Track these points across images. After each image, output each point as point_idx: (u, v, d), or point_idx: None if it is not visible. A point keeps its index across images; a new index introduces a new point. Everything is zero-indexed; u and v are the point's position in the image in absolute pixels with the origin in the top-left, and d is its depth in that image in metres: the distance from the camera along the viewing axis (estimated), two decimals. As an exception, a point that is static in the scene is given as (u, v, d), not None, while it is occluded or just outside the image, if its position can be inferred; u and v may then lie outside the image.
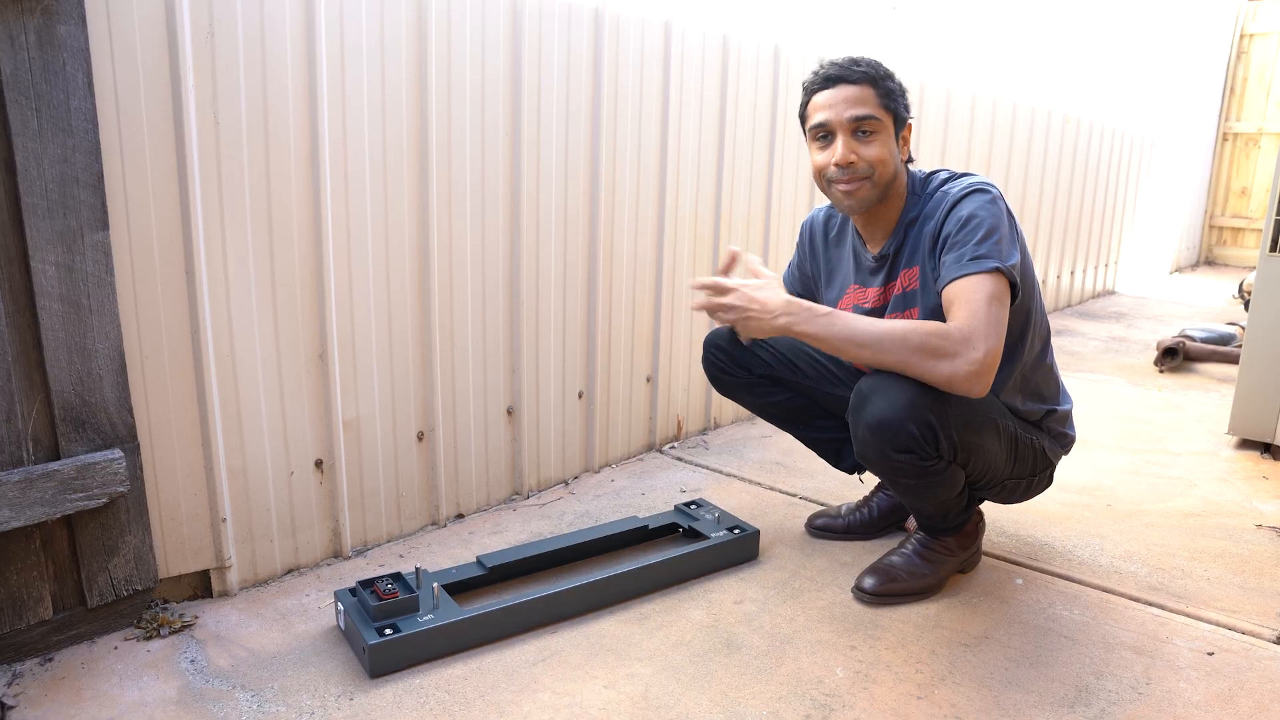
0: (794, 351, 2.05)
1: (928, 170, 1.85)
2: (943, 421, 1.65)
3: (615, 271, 2.57)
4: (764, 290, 1.73)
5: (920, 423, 1.63)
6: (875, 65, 1.76)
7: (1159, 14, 6.52)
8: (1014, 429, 1.81)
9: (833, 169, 1.76)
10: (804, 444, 2.18)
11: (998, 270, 1.61)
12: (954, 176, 1.78)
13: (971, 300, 1.59)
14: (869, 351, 1.63)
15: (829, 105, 1.75)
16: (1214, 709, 1.53)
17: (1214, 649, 1.71)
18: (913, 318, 1.80)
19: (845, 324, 1.65)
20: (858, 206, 1.78)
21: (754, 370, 2.05)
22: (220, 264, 1.74)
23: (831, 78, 1.75)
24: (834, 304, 1.97)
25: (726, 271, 1.83)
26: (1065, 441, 1.95)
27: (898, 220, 1.82)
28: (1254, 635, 1.77)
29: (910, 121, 1.81)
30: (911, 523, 2.18)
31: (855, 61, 1.75)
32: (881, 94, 1.74)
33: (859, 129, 1.74)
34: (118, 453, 1.60)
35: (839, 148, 1.74)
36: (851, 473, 2.16)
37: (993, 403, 1.77)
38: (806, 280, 2.10)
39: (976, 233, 1.64)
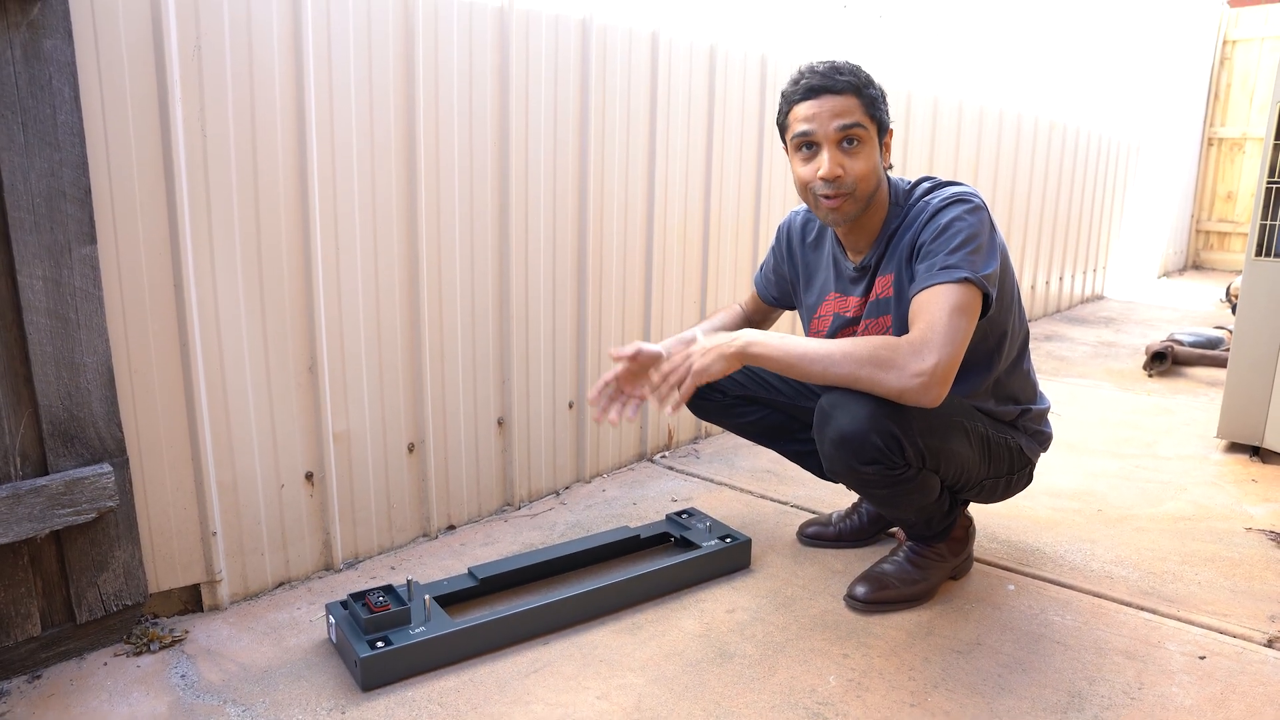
0: (765, 370, 2.05)
1: (912, 180, 1.84)
2: (905, 430, 1.64)
3: (604, 281, 2.58)
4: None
5: (883, 433, 1.62)
6: (856, 72, 1.72)
7: (1143, 21, 6.56)
8: (985, 430, 1.81)
9: (819, 183, 1.72)
10: (787, 458, 2.18)
11: (967, 280, 1.59)
12: (938, 185, 1.77)
13: (932, 311, 1.58)
14: (820, 367, 1.62)
15: (813, 116, 1.70)
16: (1206, 713, 1.53)
17: (1205, 653, 1.72)
18: (885, 325, 1.80)
19: (799, 343, 1.66)
20: (841, 220, 1.76)
21: (730, 392, 2.04)
22: (209, 277, 1.74)
23: (815, 88, 1.70)
24: (813, 309, 1.96)
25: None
26: (1042, 439, 1.96)
27: (880, 230, 1.81)
28: (1245, 639, 1.77)
29: (891, 128, 1.78)
30: (902, 531, 2.17)
31: (838, 69, 1.70)
32: (866, 102, 1.70)
33: (846, 138, 1.70)
34: (106, 467, 1.59)
35: (825, 161, 1.70)
36: (838, 482, 2.16)
37: (958, 406, 1.77)
38: (783, 283, 2.10)
39: (951, 241, 1.63)
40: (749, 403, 2.06)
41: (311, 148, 1.83)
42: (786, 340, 1.67)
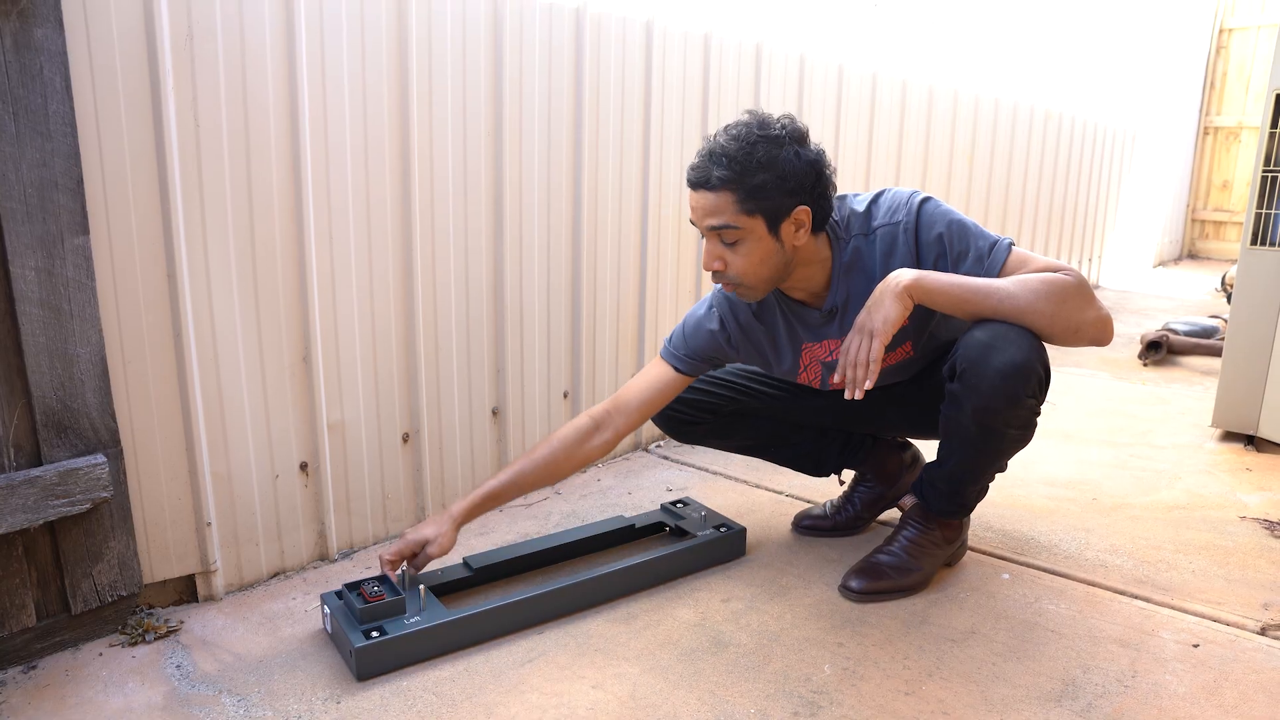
0: (751, 378, 2.03)
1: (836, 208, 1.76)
2: (1046, 366, 1.70)
3: (599, 271, 2.57)
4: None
5: (1043, 365, 1.68)
6: (740, 160, 1.58)
7: (1139, 9, 6.55)
8: None
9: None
10: (783, 465, 2.19)
11: (1009, 245, 1.69)
12: (873, 205, 1.75)
13: (1043, 265, 1.66)
14: (1020, 299, 1.62)
15: (693, 208, 1.66)
16: (1199, 700, 1.54)
17: (1199, 641, 1.73)
18: (908, 352, 1.82)
19: (962, 278, 1.64)
20: (746, 302, 1.76)
21: (721, 411, 2.02)
22: (202, 267, 1.73)
23: (691, 181, 1.63)
24: (794, 369, 1.88)
25: None
26: None
27: (831, 271, 1.75)
28: (1238, 627, 1.78)
29: (804, 207, 1.63)
30: (906, 500, 2.15)
31: (720, 157, 1.59)
32: (744, 196, 1.59)
33: (720, 238, 1.64)
34: (101, 458, 1.59)
35: (703, 253, 1.69)
36: (829, 475, 2.18)
37: None
38: (723, 360, 1.93)
39: (965, 235, 1.68)
40: (741, 418, 2.05)
41: (304, 136, 1.83)
42: (950, 275, 1.64)
